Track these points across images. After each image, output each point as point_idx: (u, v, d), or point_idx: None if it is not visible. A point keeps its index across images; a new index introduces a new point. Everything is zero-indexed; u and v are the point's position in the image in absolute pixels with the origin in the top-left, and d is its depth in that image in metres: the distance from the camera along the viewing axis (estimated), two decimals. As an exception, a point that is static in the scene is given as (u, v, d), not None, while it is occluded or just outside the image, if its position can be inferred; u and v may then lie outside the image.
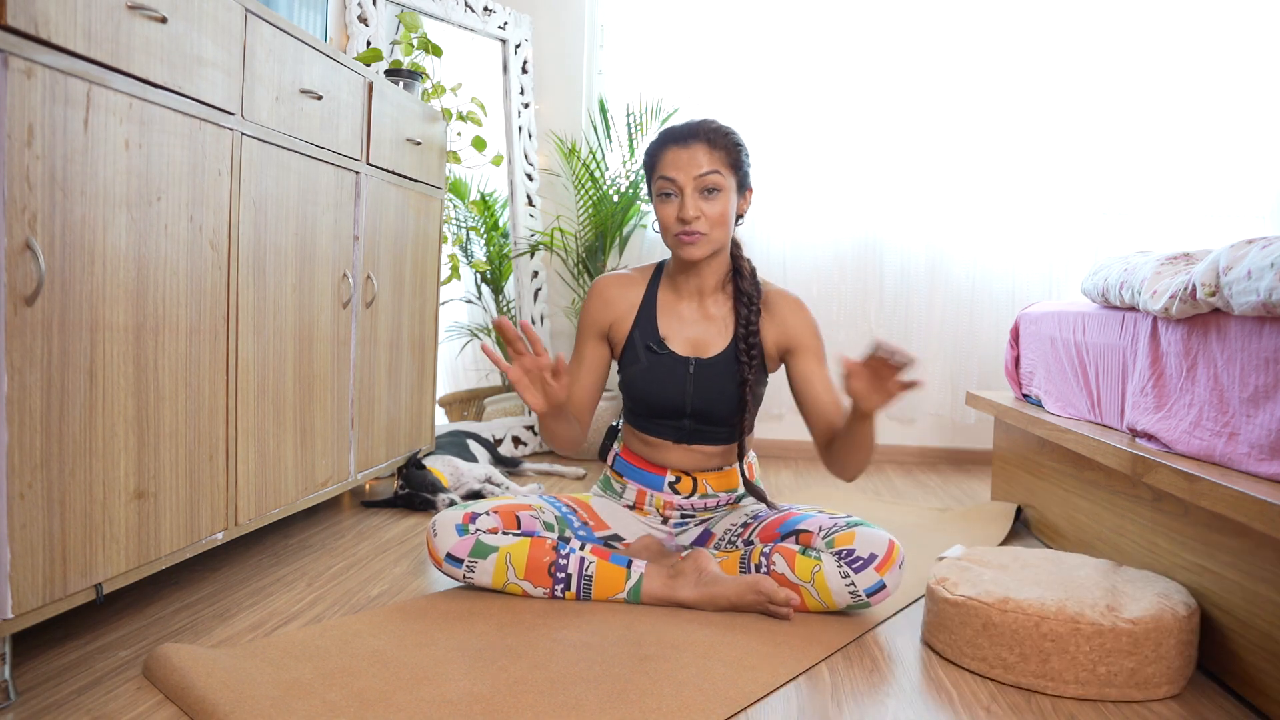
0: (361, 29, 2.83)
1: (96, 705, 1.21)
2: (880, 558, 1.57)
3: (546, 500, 1.78)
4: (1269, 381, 1.37)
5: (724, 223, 1.63)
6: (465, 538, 1.63)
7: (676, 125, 1.65)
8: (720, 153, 1.61)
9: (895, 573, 1.59)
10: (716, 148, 1.61)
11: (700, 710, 1.23)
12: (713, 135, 1.62)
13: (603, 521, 1.80)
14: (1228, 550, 1.41)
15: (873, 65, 3.39)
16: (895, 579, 1.59)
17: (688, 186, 1.60)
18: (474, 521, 1.64)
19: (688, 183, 1.60)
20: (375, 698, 1.23)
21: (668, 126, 1.66)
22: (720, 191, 1.61)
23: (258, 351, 1.72)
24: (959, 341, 3.44)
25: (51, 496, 1.21)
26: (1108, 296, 1.95)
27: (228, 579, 1.76)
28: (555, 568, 1.63)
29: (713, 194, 1.61)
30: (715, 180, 1.60)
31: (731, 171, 1.62)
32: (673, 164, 1.61)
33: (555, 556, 1.63)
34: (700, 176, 1.59)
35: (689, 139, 1.61)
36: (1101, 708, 1.31)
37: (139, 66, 1.33)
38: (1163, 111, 3.34)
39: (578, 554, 1.65)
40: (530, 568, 1.63)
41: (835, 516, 1.66)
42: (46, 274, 1.18)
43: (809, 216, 3.45)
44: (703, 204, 1.60)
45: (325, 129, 1.93)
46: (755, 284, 1.72)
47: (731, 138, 1.63)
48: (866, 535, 1.59)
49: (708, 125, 1.63)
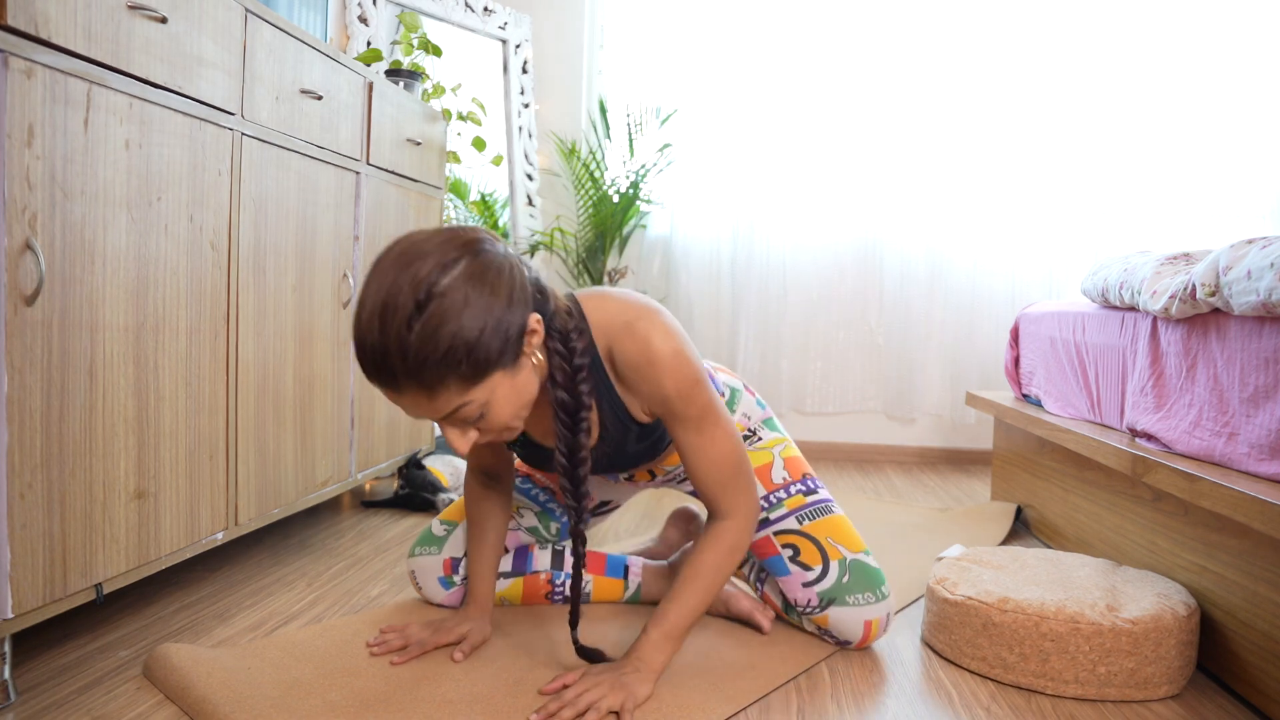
0: (361, 29, 2.83)
1: (96, 705, 1.21)
2: (857, 640, 1.46)
3: (522, 490, 1.62)
4: (1269, 381, 1.37)
5: (513, 415, 1.14)
6: (452, 590, 1.57)
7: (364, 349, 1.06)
8: (450, 381, 1.05)
9: (879, 639, 1.50)
10: (441, 381, 1.05)
11: (700, 710, 1.23)
12: (422, 374, 1.04)
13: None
14: (1228, 550, 1.41)
15: (873, 65, 3.39)
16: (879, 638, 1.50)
17: (439, 422, 1.12)
18: (456, 571, 1.56)
19: (432, 419, 1.12)
20: (375, 698, 1.23)
21: (360, 347, 1.06)
22: (485, 405, 1.10)
23: (258, 351, 1.72)
24: (959, 342, 3.44)
25: (51, 496, 1.21)
26: (1107, 296, 1.95)
27: (228, 579, 1.76)
28: (552, 595, 1.62)
29: (478, 419, 1.11)
30: (467, 412, 1.09)
31: (479, 379, 1.07)
32: (398, 404, 1.10)
33: (550, 588, 1.62)
34: (444, 418, 1.10)
35: (396, 385, 1.06)
36: (1101, 708, 1.31)
37: (139, 66, 1.34)
38: (1162, 112, 3.34)
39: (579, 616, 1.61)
40: (526, 599, 1.62)
41: (809, 581, 1.45)
42: (46, 274, 1.18)
43: (809, 217, 3.45)
44: (475, 427, 1.13)
45: (325, 129, 1.93)
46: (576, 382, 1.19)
47: (450, 357, 1.03)
48: (841, 620, 1.44)
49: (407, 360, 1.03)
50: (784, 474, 1.54)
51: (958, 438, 3.51)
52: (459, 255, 1.07)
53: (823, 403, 3.50)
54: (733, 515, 1.28)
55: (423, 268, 1.05)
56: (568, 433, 1.20)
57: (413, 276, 1.04)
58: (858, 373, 3.49)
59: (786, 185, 3.44)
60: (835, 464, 3.40)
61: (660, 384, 1.22)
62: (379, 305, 1.04)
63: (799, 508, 1.50)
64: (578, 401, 1.19)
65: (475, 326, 1.05)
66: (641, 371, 1.22)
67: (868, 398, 3.50)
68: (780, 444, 1.59)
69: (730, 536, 1.28)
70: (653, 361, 1.21)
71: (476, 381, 1.07)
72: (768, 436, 1.60)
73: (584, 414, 1.19)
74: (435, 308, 1.03)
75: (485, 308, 1.06)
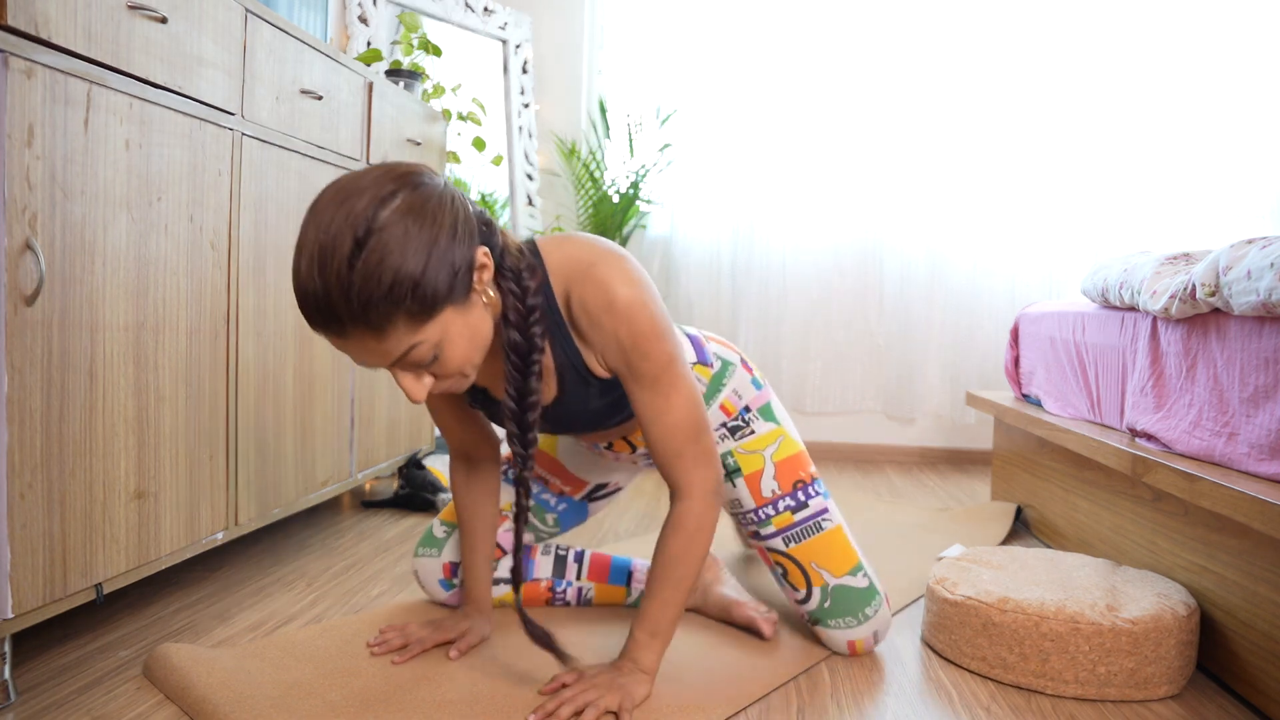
0: (361, 29, 2.83)
1: (96, 705, 1.21)
2: (845, 653, 1.46)
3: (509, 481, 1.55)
4: (1269, 381, 1.37)
5: (467, 357, 1.09)
6: (453, 592, 1.58)
7: (305, 295, 1.00)
8: (398, 320, 1.00)
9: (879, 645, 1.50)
10: (389, 320, 0.99)
11: (700, 710, 1.23)
12: (368, 314, 0.98)
13: (575, 476, 1.60)
14: (1228, 550, 1.41)
15: (872, 65, 3.39)
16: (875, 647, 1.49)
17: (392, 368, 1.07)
18: (455, 575, 1.56)
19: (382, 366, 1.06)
20: (375, 698, 1.23)
21: (300, 294, 1.00)
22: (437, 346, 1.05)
23: (258, 351, 1.72)
24: (959, 342, 3.44)
25: (51, 496, 1.21)
26: (1107, 296, 1.95)
27: (228, 579, 1.76)
28: (553, 601, 1.63)
29: (434, 361, 1.06)
30: (419, 354, 1.04)
31: (429, 316, 1.02)
32: (347, 353, 1.05)
33: (551, 595, 1.62)
34: (396, 362, 1.05)
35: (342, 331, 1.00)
36: (1101, 708, 1.31)
37: (139, 66, 1.34)
38: (1162, 112, 3.34)
39: (575, 585, 1.62)
40: (526, 605, 1.61)
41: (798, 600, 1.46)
42: (46, 274, 1.18)
43: (809, 217, 3.45)
44: (430, 369, 1.07)
45: (325, 129, 1.93)
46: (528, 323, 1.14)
47: (395, 292, 0.98)
48: (826, 637, 1.46)
49: (351, 301, 0.98)
50: (774, 486, 1.46)
51: (958, 438, 3.51)
52: (396, 188, 1.02)
53: (823, 403, 3.50)
54: (689, 494, 1.22)
55: (358, 204, 0.99)
56: (518, 375, 1.14)
57: (349, 213, 0.99)
58: (858, 373, 3.49)
59: (786, 185, 3.44)
60: (835, 464, 3.40)
61: (617, 333, 1.15)
62: (316, 248, 0.98)
63: (786, 527, 1.45)
64: (530, 344, 1.13)
65: (419, 259, 0.99)
66: (598, 318, 1.15)
67: (868, 398, 3.50)
68: (775, 440, 1.49)
69: (690, 520, 1.22)
70: (611, 307, 1.14)
71: (426, 319, 1.02)
72: (762, 429, 1.50)
73: (536, 356, 1.14)
74: (375, 243, 0.98)
75: (429, 240, 1.01)
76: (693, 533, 1.22)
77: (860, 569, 1.46)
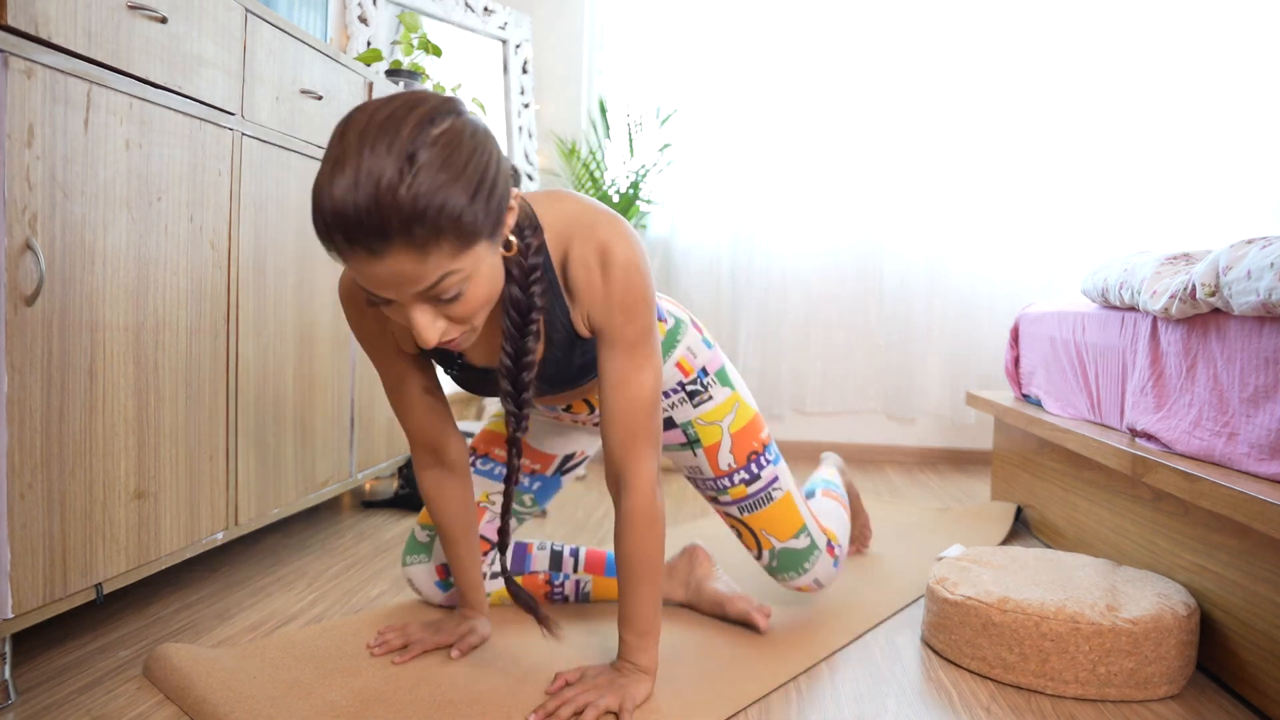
0: (361, 29, 2.83)
1: (96, 705, 1.21)
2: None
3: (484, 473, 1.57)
4: (1269, 381, 1.37)
5: (486, 300, 1.06)
6: (450, 591, 1.58)
7: (343, 210, 0.92)
8: (439, 243, 0.96)
9: (826, 589, 1.66)
10: (435, 240, 0.95)
11: (700, 710, 1.23)
12: (415, 228, 0.93)
13: (542, 452, 1.61)
14: (1228, 550, 1.41)
15: (872, 64, 3.39)
16: (829, 585, 1.64)
17: (411, 303, 1.01)
18: (449, 574, 1.56)
19: (410, 300, 1.00)
20: (375, 698, 1.23)
21: (334, 209, 0.93)
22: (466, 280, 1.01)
23: (258, 351, 1.72)
24: (959, 342, 3.44)
25: (51, 496, 1.21)
26: (1107, 297, 1.95)
27: (228, 579, 1.76)
28: (551, 595, 1.64)
29: (455, 299, 1.01)
30: (449, 284, 0.99)
31: (468, 245, 0.98)
32: (371, 282, 0.98)
33: (549, 589, 1.63)
34: (425, 290, 0.99)
35: (376, 243, 0.93)
36: (1101, 708, 1.31)
37: (139, 66, 1.34)
38: (1162, 112, 3.34)
39: (573, 578, 1.63)
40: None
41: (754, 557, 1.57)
42: (46, 274, 1.18)
43: (809, 216, 3.45)
44: (444, 310, 1.02)
45: (326, 129, 1.93)
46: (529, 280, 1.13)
47: (447, 210, 0.94)
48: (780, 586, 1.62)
49: (402, 211, 0.92)
50: (730, 460, 1.50)
51: (958, 438, 3.51)
52: (447, 110, 0.98)
53: (823, 403, 3.50)
54: (636, 487, 1.22)
55: (407, 120, 0.95)
56: (516, 333, 1.13)
57: (397, 129, 0.94)
58: (858, 373, 3.49)
59: (787, 185, 3.43)
60: (835, 464, 3.39)
61: (611, 292, 1.16)
62: (364, 161, 0.92)
63: (741, 499, 1.53)
64: (529, 301, 1.12)
65: (470, 184, 0.96)
66: (595, 276, 1.16)
67: (868, 398, 3.50)
68: (732, 409, 1.51)
69: (640, 514, 1.22)
70: (608, 265, 1.15)
71: (466, 247, 0.98)
72: (720, 395, 1.50)
73: (535, 315, 1.13)
74: (429, 159, 0.94)
75: (480, 166, 0.98)
76: (647, 524, 1.23)
77: (803, 531, 1.56)
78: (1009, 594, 1.41)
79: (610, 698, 1.20)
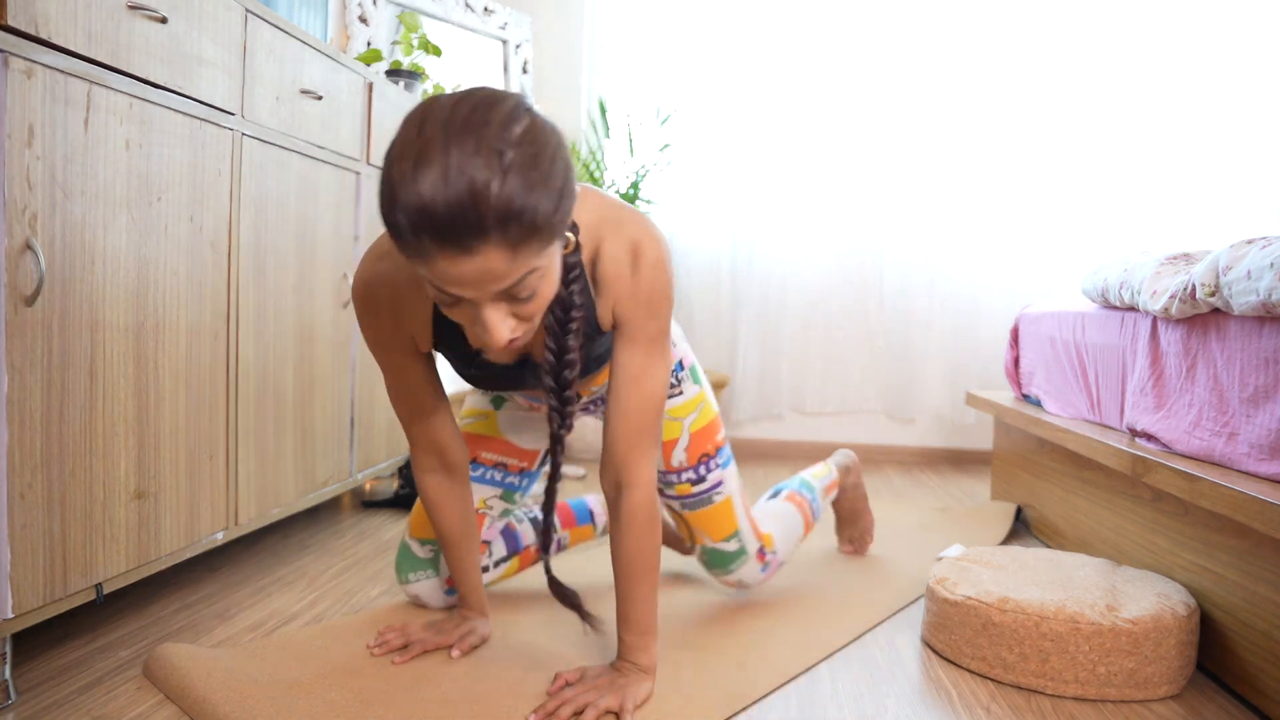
0: (361, 29, 2.83)
1: (96, 705, 1.21)
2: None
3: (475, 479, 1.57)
4: (1269, 381, 1.37)
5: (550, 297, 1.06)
6: (454, 595, 1.58)
7: (436, 204, 0.90)
8: (530, 241, 0.95)
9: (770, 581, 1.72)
10: (522, 238, 0.94)
11: (700, 710, 1.23)
12: (508, 224, 0.92)
13: (525, 450, 1.60)
14: (1228, 550, 1.41)
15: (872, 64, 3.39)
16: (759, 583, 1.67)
17: (485, 301, 0.99)
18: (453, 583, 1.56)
19: (487, 298, 0.99)
20: (375, 698, 1.23)
21: (426, 204, 0.90)
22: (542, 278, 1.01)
23: (258, 351, 1.72)
24: (959, 342, 3.44)
25: (52, 496, 1.21)
26: (1107, 297, 1.95)
27: (228, 579, 1.76)
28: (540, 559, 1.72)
29: (530, 297, 1.01)
30: (530, 283, 0.99)
31: (550, 243, 0.98)
32: (454, 281, 0.95)
33: (539, 557, 1.70)
34: (508, 288, 0.98)
35: (472, 241, 0.91)
36: (1101, 708, 1.31)
37: (139, 66, 1.34)
38: (1162, 112, 3.34)
39: (555, 538, 1.74)
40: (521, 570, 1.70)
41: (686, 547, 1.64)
42: (46, 274, 1.18)
43: (809, 216, 3.45)
44: (515, 308, 1.02)
45: (325, 129, 1.93)
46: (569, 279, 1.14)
47: (542, 207, 0.94)
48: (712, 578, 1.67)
49: (490, 202, 0.90)
50: (682, 457, 1.54)
51: (958, 438, 3.51)
52: (524, 109, 0.97)
53: (823, 403, 3.50)
54: (636, 486, 1.24)
55: (495, 114, 0.94)
56: (559, 330, 1.15)
57: (485, 126, 0.92)
58: (858, 373, 3.49)
59: (787, 184, 3.43)
60: (835, 464, 3.39)
61: (638, 286, 1.18)
62: (456, 151, 0.90)
63: (684, 496, 1.57)
64: (570, 299, 1.14)
65: (556, 180, 0.96)
66: (622, 270, 1.17)
67: (868, 398, 3.50)
68: (696, 408, 1.54)
69: (641, 513, 1.24)
70: (638, 261, 1.17)
71: (547, 245, 0.97)
72: (690, 392, 1.54)
73: (575, 314, 1.15)
74: (520, 155, 0.92)
75: (562, 164, 0.97)
76: (648, 523, 1.25)
77: (734, 536, 1.59)
78: (1009, 594, 1.41)
79: (611, 698, 1.20)
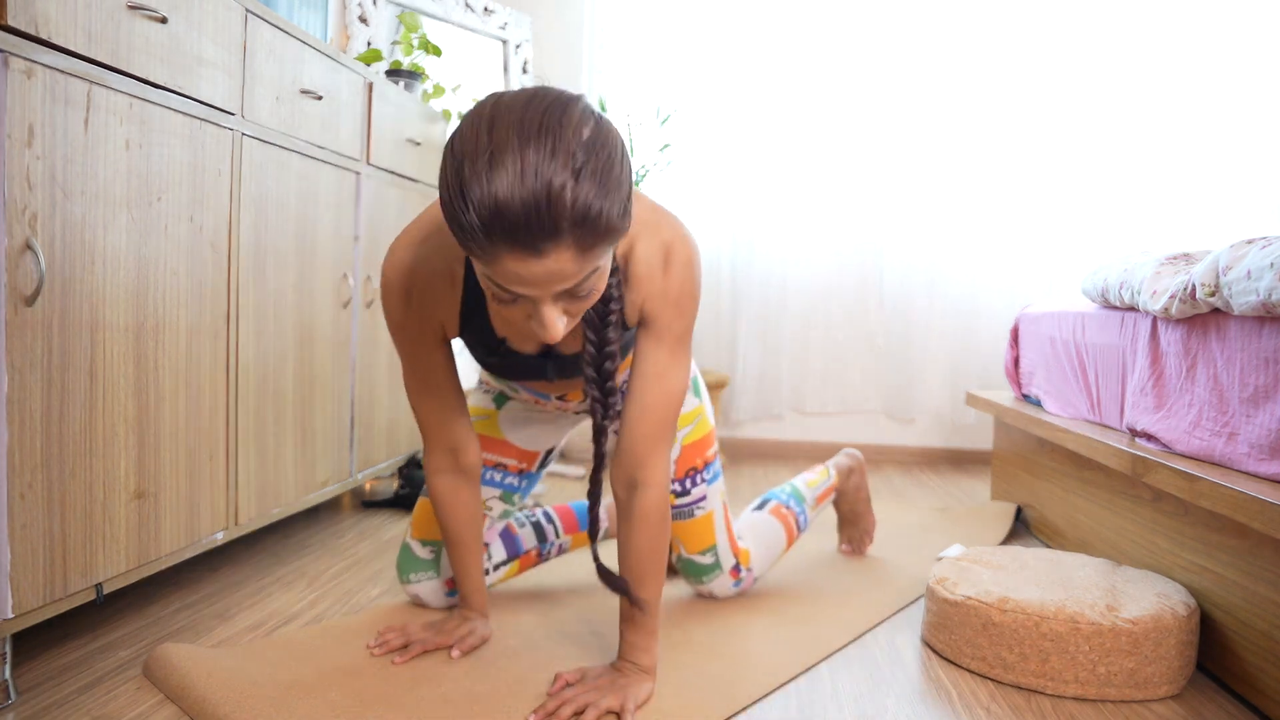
0: (361, 29, 2.83)
1: (96, 705, 1.21)
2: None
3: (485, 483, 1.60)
4: (1269, 381, 1.37)
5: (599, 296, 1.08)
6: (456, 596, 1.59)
7: (513, 204, 0.90)
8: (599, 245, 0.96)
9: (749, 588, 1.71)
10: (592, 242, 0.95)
11: (700, 710, 1.23)
12: (581, 227, 0.92)
13: (526, 450, 1.63)
14: (1228, 550, 1.41)
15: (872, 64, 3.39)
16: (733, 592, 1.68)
17: (547, 300, 0.99)
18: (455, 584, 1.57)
19: (548, 296, 0.99)
20: (375, 698, 1.23)
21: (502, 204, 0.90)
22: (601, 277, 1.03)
23: (258, 351, 1.72)
24: (959, 342, 3.44)
25: (52, 496, 1.21)
26: (1107, 297, 1.95)
27: (228, 579, 1.76)
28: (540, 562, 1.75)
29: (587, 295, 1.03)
30: (594, 279, 1.01)
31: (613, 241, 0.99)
32: (520, 280, 0.96)
33: (539, 559, 1.74)
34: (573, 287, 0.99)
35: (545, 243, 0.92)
36: (1101, 708, 1.31)
37: (139, 66, 1.34)
38: (1162, 112, 3.34)
39: (555, 543, 1.74)
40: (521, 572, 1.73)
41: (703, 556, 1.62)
42: (46, 274, 1.18)
43: (809, 216, 3.45)
44: (571, 305, 1.03)
45: (325, 129, 1.93)
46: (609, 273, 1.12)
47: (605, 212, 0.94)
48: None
49: (568, 208, 0.91)
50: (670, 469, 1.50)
51: (958, 438, 3.51)
52: (590, 111, 0.97)
53: (823, 403, 3.50)
54: (649, 483, 1.25)
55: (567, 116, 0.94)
56: (600, 322, 1.17)
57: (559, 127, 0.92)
58: (858, 373, 3.49)
59: (787, 184, 3.43)
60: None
61: (669, 284, 1.21)
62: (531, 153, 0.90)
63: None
64: (609, 293, 1.16)
65: (623, 184, 0.97)
66: (654, 268, 1.20)
67: (868, 398, 3.50)
68: (693, 421, 1.58)
69: (655, 512, 1.25)
70: (670, 261, 1.20)
71: (611, 243, 0.98)
72: (689, 404, 1.58)
73: (614, 306, 1.17)
74: (592, 159, 0.93)
75: (627, 167, 0.98)
76: (660, 523, 1.27)
77: (710, 550, 1.61)
78: (1009, 594, 1.41)
79: (611, 698, 1.20)
